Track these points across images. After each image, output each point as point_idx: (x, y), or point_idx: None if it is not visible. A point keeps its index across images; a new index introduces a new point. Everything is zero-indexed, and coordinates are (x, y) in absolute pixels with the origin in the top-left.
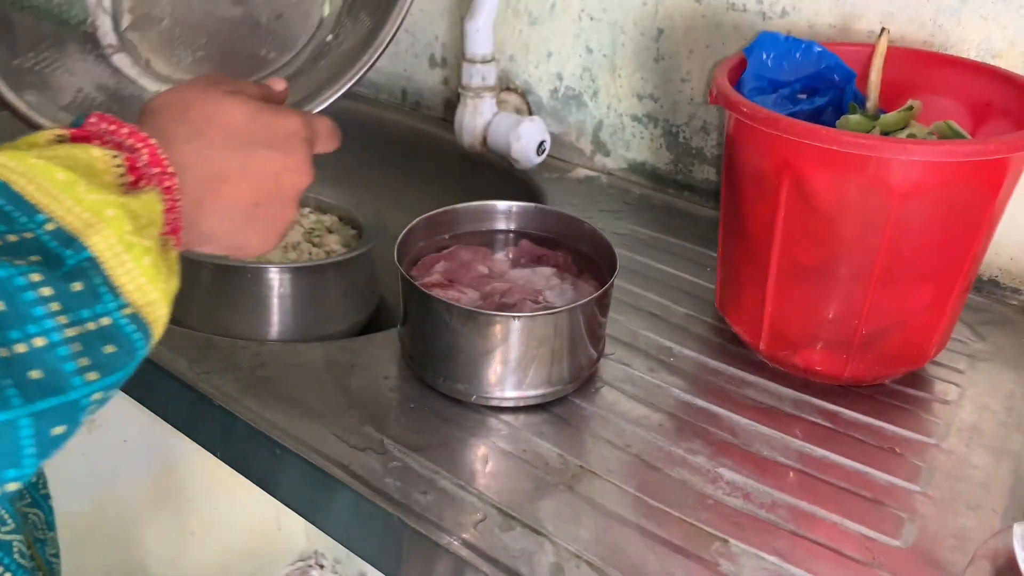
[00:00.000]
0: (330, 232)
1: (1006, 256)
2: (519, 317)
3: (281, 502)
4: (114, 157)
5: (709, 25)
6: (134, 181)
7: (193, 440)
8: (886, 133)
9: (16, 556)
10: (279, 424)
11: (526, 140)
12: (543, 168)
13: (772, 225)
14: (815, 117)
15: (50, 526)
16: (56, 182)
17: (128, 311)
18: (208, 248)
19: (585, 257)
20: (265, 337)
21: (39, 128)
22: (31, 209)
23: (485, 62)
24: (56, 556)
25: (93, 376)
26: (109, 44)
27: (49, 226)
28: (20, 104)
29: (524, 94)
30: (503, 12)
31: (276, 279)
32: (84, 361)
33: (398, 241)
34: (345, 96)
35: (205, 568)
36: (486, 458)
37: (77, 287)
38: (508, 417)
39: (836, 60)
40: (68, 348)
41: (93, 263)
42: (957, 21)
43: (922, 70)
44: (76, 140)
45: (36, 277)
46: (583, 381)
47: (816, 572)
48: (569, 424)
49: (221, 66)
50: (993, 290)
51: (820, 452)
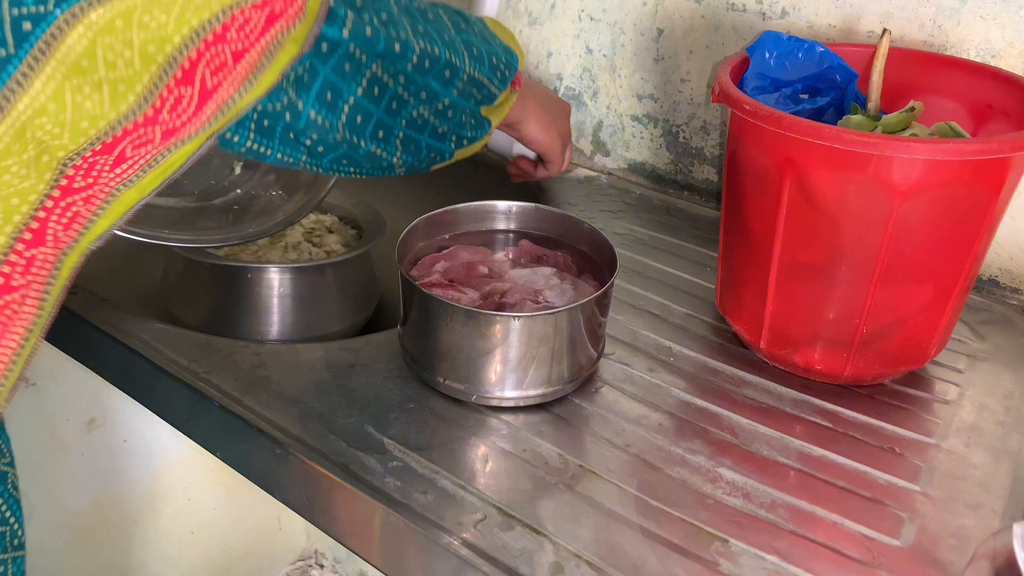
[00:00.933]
0: (330, 232)
1: (1006, 256)
2: (519, 317)
3: (281, 502)
4: None
5: (709, 25)
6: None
7: (193, 440)
8: (887, 134)
9: (9, 488)
10: (279, 424)
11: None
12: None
13: (773, 224)
14: (816, 117)
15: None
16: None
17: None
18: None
19: (585, 257)
20: (265, 337)
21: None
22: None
23: None
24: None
25: None
26: None
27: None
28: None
29: None
30: (503, 12)
31: (276, 279)
32: None
33: (398, 241)
34: None
35: (205, 568)
36: (486, 458)
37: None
38: (508, 417)
39: (838, 60)
40: None
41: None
42: (957, 21)
43: (923, 71)
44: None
45: None
46: (583, 381)
47: (816, 572)
48: (569, 424)
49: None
50: (993, 290)
51: (820, 452)
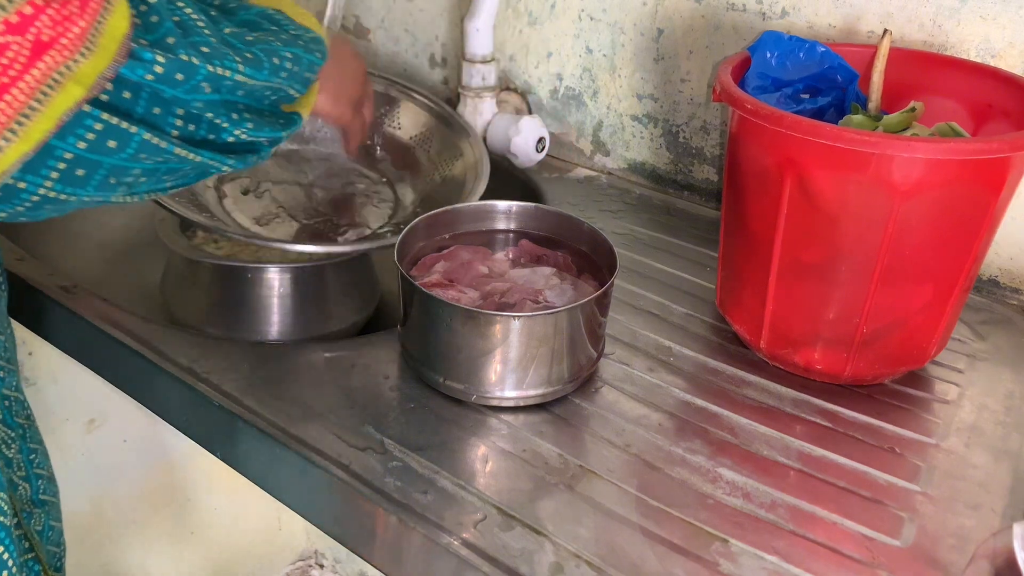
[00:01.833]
0: None
1: (1006, 256)
2: (519, 317)
3: (281, 502)
4: None
5: (709, 25)
6: None
7: (193, 440)
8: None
9: None
10: (279, 424)
11: (526, 135)
12: (543, 168)
13: (774, 223)
14: (817, 117)
15: (36, 503)
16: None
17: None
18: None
19: (585, 257)
20: (265, 337)
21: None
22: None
23: (485, 62)
24: (49, 530)
25: None
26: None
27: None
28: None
29: (524, 94)
30: (503, 12)
31: (276, 279)
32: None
33: (398, 241)
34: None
35: (205, 568)
36: (486, 458)
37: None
38: (508, 417)
39: (839, 60)
40: None
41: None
42: (957, 22)
43: (924, 71)
44: None
45: None
46: (583, 381)
47: (816, 572)
48: (569, 424)
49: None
50: (993, 290)
51: (820, 452)
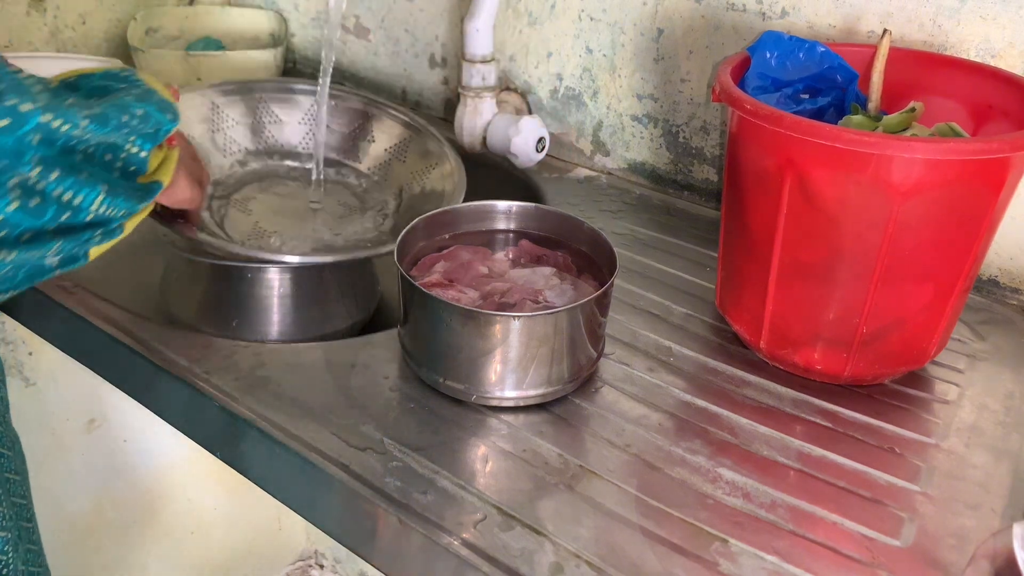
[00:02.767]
0: None
1: (1006, 256)
2: (519, 317)
3: (281, 502)
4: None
5: (708, 26)
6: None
7: (193, 440)
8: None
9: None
10: (279, 424)
11: (525, 135)
12: (543, 168)
13: (774, 223)
14: (817, 117)
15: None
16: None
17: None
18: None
19: (585, 257)
20: (265, 337)
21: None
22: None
23: (485, 62)
24: (27, 553)
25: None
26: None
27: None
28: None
29: (524, 94)
30: (503, 12)
31: (276, 279)
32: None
33: (398, 241)
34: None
35: (205, 568)
36: (486, 458)
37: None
38: (508, 417)
39: (839, 60)
40: None
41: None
42: (957, 21)
43: (924, 71)
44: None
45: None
46: (583, 381)
47: (816, 572)
48: (569, 424)
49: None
50: (993, 290)
51: (820, 452)
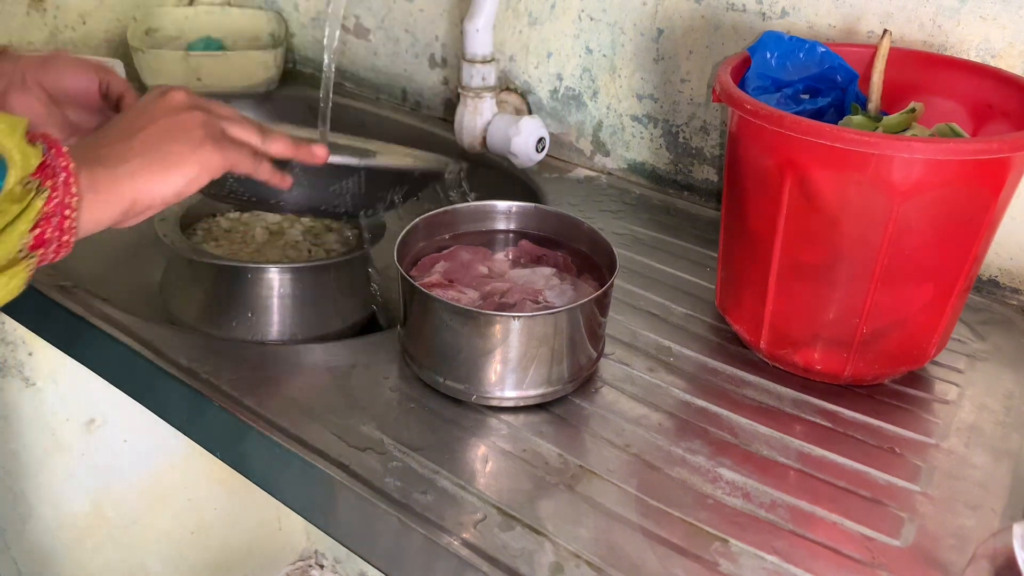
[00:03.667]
0: (330, 231)
1: (1006, 256)
2: (519, 317)
3: (281, 502)
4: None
5: (708, 26)
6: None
7: (193, 440)
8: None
9: None
10: (279, 424)
11: (526, 135)
12: (543, 168)
13: (774, 223)
14: (817, 118)
15: None
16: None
17: None
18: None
19: (585, 257)
20: (265, 337)
21: None
22: None
23: (485, 62)
24: None
25: None
26: None
27: None
28: None
29: (524, 94)
30: (503, 12)
31: (276, 279)
32: None
33: (398, 241)
34: (345, 95)
35: (205, 568)
36: (486, 458)
37: None
38: (508, 417)
39: (839, 61)
40: None
41: None
42: (956, 22)
43: (924, 71)
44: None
45: None
46: (583, 381)
47: (816, 572)
48: (569, 424)
49: None
50: (993, 290)
51: (820, 452)
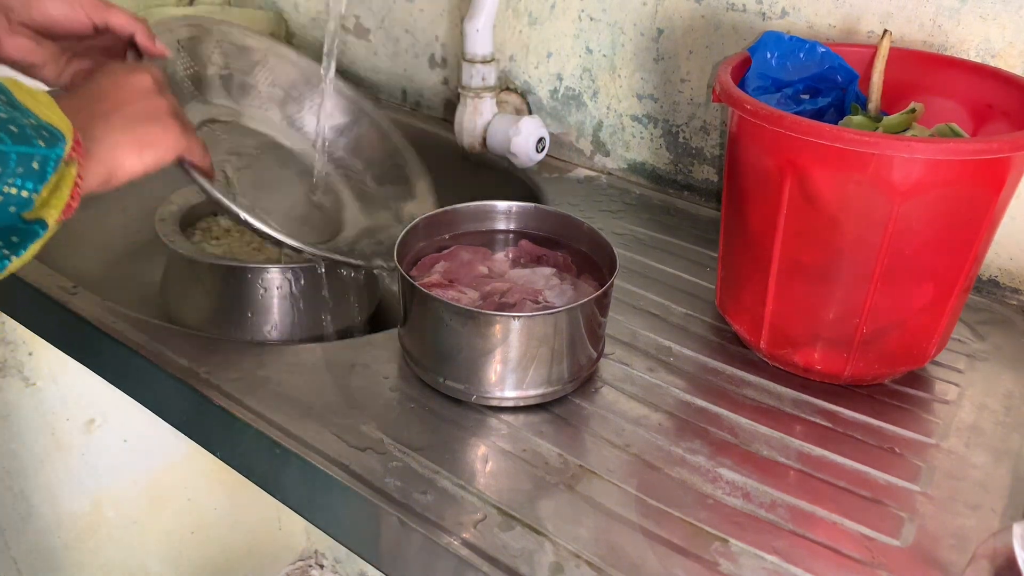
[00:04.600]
0: None
1: (1006, 256)
2: (519, 317)
3: (281, 502)
4: None
5: (708, 25)
6: None
7: (193, 440)
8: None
9: None
10: (279, 424)
11: (525, 135)
12: (543, 168)
13: (774, 223)
14: (817, 118)
15: None
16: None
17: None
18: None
19: (585, 257)
20: (265, 337)
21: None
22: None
23: (485, 62)
24: None
25: None
26: None
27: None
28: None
29: (524, 94)
30: (503, 12)
31: (276, 279)
32: None
33: (398, 241)
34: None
35: (205, 568)
36: (486, 458)
37: None
38: (508, 417)
39: (839, 61)
40: None
41: None
42: (956, 21)
43: (924, 71)
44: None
45: None
46: (583, 381)
47: (816, 572)
48: (569, 424)
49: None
50: (993, 290)
51: (820, 452)
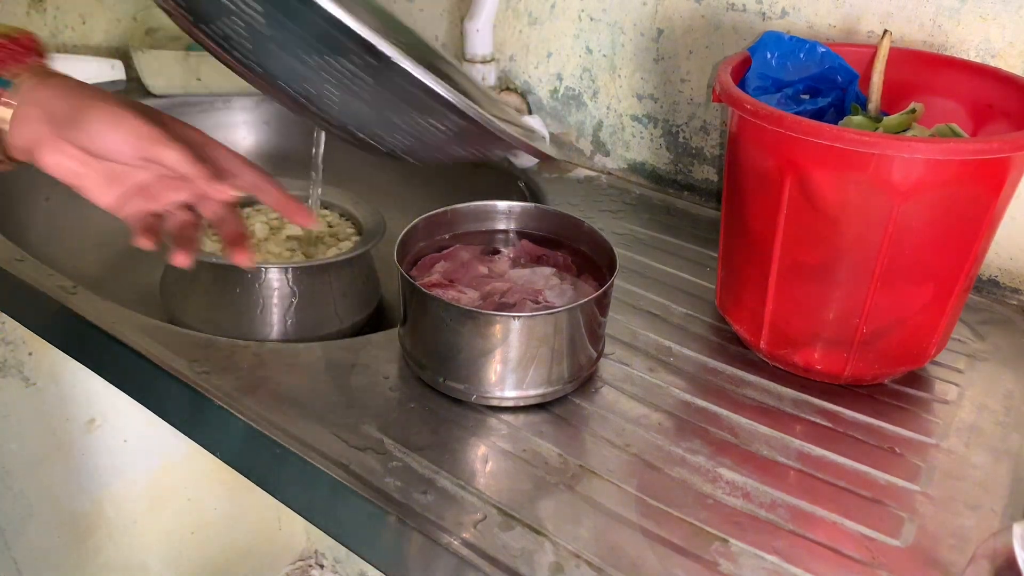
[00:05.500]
0: (330, 227)
1: (1006, 256)
2: (519, 317)
3: (281, 502)
4: None
5: (708, 25)
6: None
7: (193, 440)
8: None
9: None
10: (279, 424)
11: None
12: (543, 168)
13: (774, 223)
14: (817, 118)
15: None
16: None
17: None
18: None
19: (585, 257)
20: (265, 337)
21: None
22: None
23: (485, 62)
24: None
25: None
26: None
27: None
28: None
29: (524, 94)
30: (503, 12)
31: (276, 279)
32: None
33: (398, 241)
34: None
35: (205, 568)
36: (486, 458)
37: None
38: (508, 417)
39: (840, 61)
40: None
41: None
42: (957, 21)
43: (924, 71)
44: None
45: None
46: (583, 381)
47: (816, 571)
48: (569, 424)
49: None
50: (993, 290)
51: (820, 452)
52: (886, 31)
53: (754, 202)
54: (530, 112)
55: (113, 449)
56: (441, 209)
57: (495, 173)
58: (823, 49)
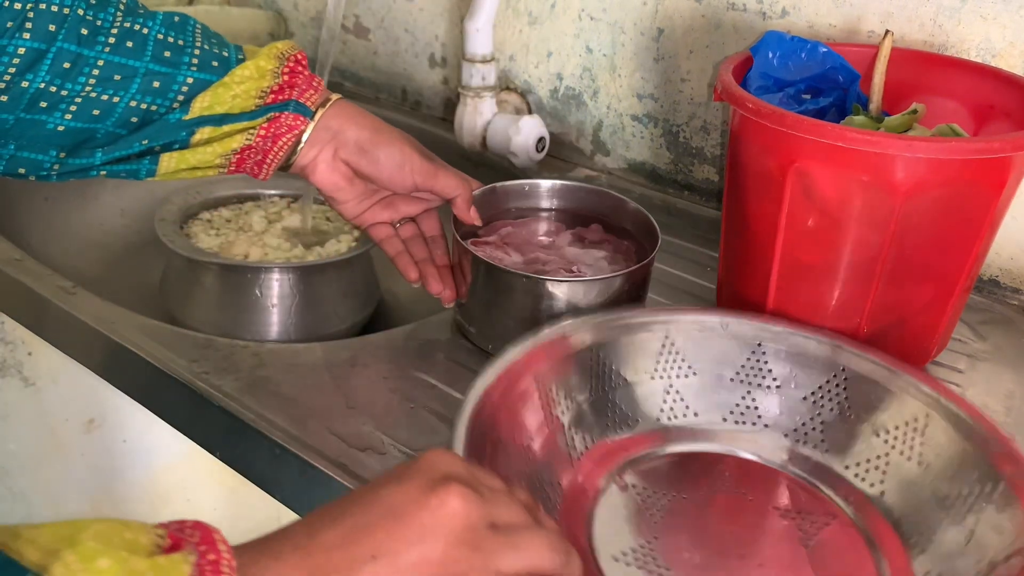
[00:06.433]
0: (329, 222)
1: (1006, 256)
2: (531, 277)
3: (281, 502)
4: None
5: (709, 25)
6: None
7: (193, 440)
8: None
9: None
10: (279, 424)
11: (525, 135)
12: (543, 168)
13: (775, 223)
14: (819, 118)
15: None
16: None
17: None
18: None
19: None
20: (265, 337)
21: None
22: None
23: (485, 62)
24: None
25: None
26: None
27: None
28: None
29: (524, 94)
30: (503, 12)
31: (276, 279)
32: None
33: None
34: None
35: None
36: None
37: None
38: None
39: (841, 61)
40: None
41: None
42: (957, 21)
43: (925, 71)
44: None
45: None
46: None
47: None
48: None
49: None
50: (993, 290)
51: None
52: (888, 31)
53: (755, 201)
54: (530, 112)
55: (112, 449)
56: (529, 180)
57: (495, 173)
58: (824, 49)
